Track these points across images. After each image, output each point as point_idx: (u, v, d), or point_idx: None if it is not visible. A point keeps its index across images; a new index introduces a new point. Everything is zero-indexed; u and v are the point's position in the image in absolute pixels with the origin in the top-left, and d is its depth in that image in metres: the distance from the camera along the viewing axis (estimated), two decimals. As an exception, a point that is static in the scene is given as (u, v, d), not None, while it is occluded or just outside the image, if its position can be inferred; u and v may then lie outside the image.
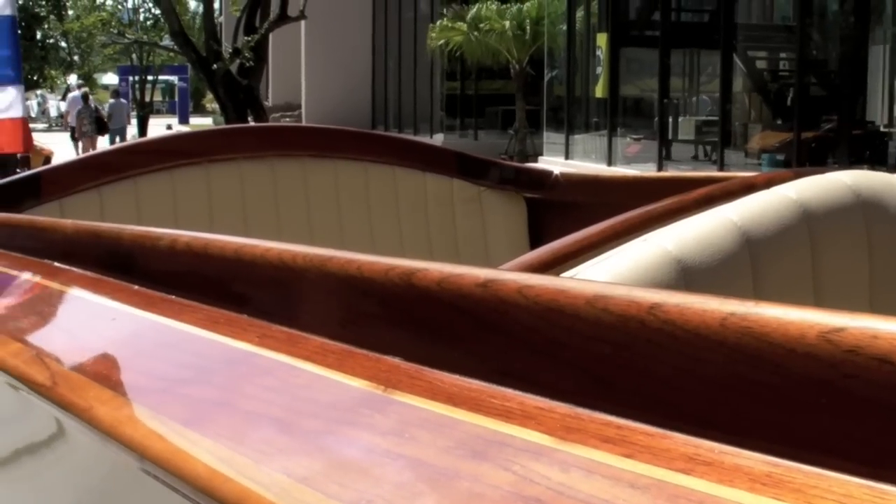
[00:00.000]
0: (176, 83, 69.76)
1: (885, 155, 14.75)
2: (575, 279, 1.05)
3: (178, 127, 53.44)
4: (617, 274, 1.36)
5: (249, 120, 20.14)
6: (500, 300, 1.04)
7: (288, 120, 33.46)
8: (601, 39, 20.07)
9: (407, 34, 31.69)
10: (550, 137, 22.71)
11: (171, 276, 1.61)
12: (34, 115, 55.71)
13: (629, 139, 19.89)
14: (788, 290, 1.61)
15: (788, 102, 16.29)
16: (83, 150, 29.22)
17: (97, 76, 71.84)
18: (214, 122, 59.16)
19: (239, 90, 20.09)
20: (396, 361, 1.13)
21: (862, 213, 1.71)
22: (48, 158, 27.58)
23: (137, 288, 1.66)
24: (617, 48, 19.79)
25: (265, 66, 22.77)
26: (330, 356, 1.19)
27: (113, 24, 45.95)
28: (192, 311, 1.48)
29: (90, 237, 1.94)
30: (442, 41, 25.93)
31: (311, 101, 33.86)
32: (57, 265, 2.02)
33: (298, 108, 35.56)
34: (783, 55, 18.42)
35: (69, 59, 59.80)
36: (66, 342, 1.62)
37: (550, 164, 18.73)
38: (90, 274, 1.86)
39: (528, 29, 24.05)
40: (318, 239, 3.53)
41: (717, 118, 17.21)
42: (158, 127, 51.58)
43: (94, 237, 1.92)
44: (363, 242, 3.63)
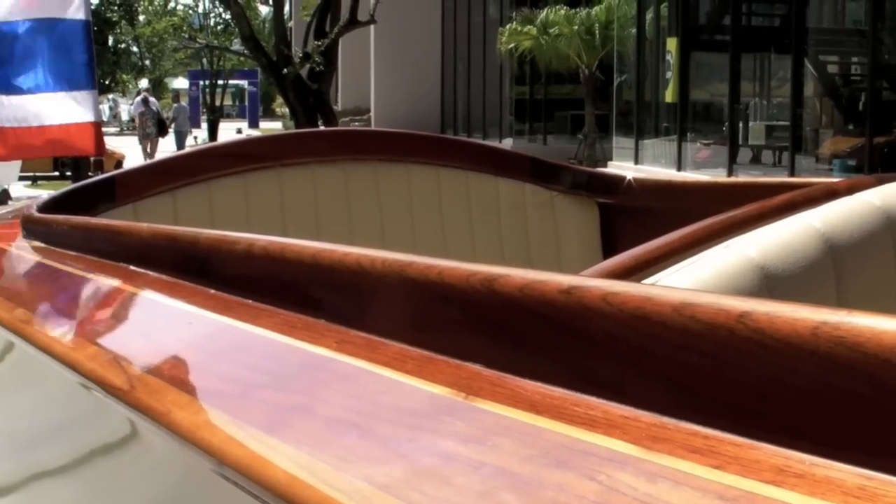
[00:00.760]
0: (246, 87, 70.30)
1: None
2: (661, 286, 1.03)
3: (247, 131, 53.85)
4: (699, 281, 1.34)
5: (319, 124, 20.22)
6: (583, 307, 1.03)
7: (357, 124, 33.56)
8: (671, 44, 19.96)
9: (476, 38, 31.70)
10: (620, 142, 22.63)
11: (247, 280, 1.61)
12: (106, 118, 56.23)
13: (699, 144, 19.76)
14: (873, 297, 1.58)
15: (860, 107, 16.13)
16: (144, 150, 29.85)
17: (168, 80, 72.42)
18: (284, 126, 59.49)
19: (309, 94, 20.17)
20: (477, 368, 1.12)
21: None
22: (120, 162, 27.91)
23: (214, 292, 1.66)
24: (687, 52, 19.67)
25: (335, 70, 22.84)
26: (409, 362, 1.18)
27: (184, 28, 46.31)
28: (268, 315, 1.47)
29: (166, 241, 1.94)
30: (511, 45, 25.93)
31: (380, 105, 33.96)
32: (133, 269, 2.02)
33: (367, 112, 35.66)
34: (855, 59, 18.25)
35: (140, 63, 60.32)
36: (143, 346, 1.63)
37: (620, 168, 18.66)
38: (166, 278, 1.86)
39: (597, 33, 24.00)
40: (389, 243, 3.53)
41: (787, 123, 17.04)
42: (228, 131, 51.95)
43: (170, 241, 1.92)
44: (435, 247, 3.63)
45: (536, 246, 3.85)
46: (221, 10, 54.63)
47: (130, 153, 32.24)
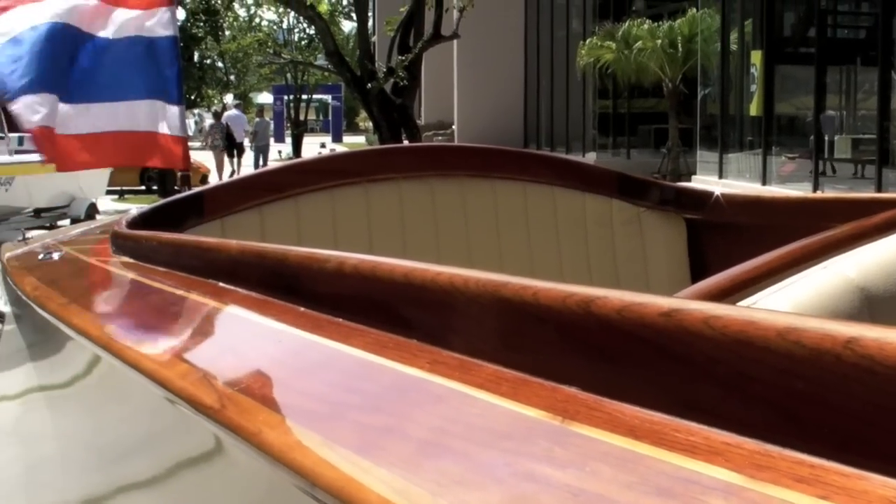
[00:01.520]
0: (330, 102, 70.72)
1: None
2: (764, 310, 1.01)
3: (331, 145, 54.18)
4: (798, 303, 1.31)
5: (403, 138, 20.27)
6: (684, 330, 1.00)
7: (440, 138, 33.66)
8: (755, 56, 19.82)
9: (559, 52, 31.68)
10: (703, 156, 22.48)
11: (337, 298, 1.59)
12: (191, 133, 56.81)
13: (783, 158, 19.59)
14: None
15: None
16: (217, 162, 30.78)
17: (252, 95, 72.99)
18: (367, 140, 59.74)
19: (393, 109, 20.23)
20: (573, 391, 1.10)
21: None
22: (205, 176, 28.20)
23: (303, 310, 1.65)
24: (772, 65, 19.53)
25: (418, 84, 22.88)
26: (504, 384, 1.16)
27: (269, 44, 46.67)
28: (359, 334, 1.46)
29: (255, 258, 1.94)
30: (592, 59, 25.86)
31: (463, 119, 34.03)
32: (222, 285, 2.02)
33: (450, 126, 35.74)
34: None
35: (225, 78, 60.81)
36: (233, 364, 1.62)
37: (703, 182, 18.55)
38: (255, 295, 1.85)
39: (680, 46, 23.86)
40: (476, 259, 3.52)
41: (874, 136, 16.85)
42: (312, 145, 52.32)
43: (259, 258, 1.92)
44: (522, 263, 3.61)
45: (623, 262, 3.83)
46: (305, 25, 55.01)
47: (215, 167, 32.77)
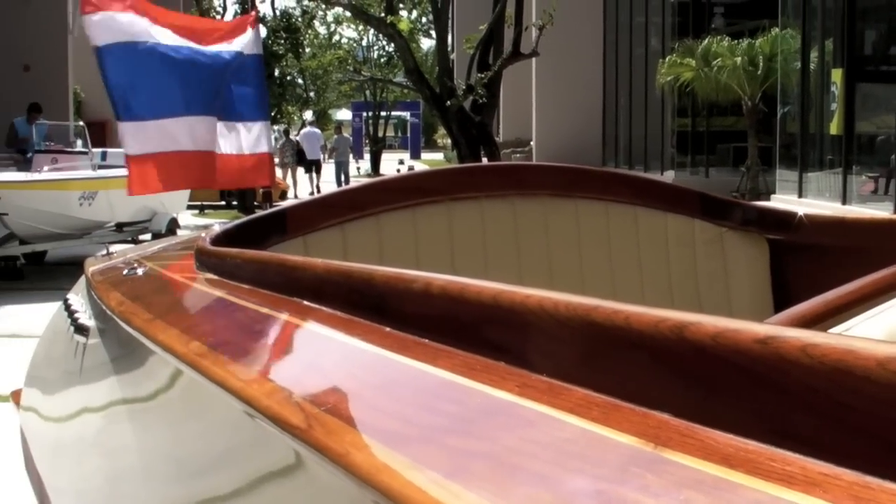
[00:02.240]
0: (408, 119, 71.07)
1: None
2: (864, 339, 0.99)
3: (409, 162, 54.43)
4: (893, 332, 1.29)
5: (482, 155, 20.28)
6: (780, 358, 0.99)
7: (518, 156, 33.69)
8: (836, 75, 19.63)
9: (638, 70, 31.60)
10: (783, 175, 22.30)
11: (424, 319, 1.59)
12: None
13: (864, 177, 19.38)
14: None
15: None
16: (284, 176, 31.49)
17: (331, 111, 73.44)
18: (445, 157, 59.90)
19: (472, 126, 20.25)
20: (665, 417, 1.08)
21: None
22: (284, 192, 28.41)
23: (389, 330, 1.64)
24: (852, 83, 19.33)
25: (497, 102, 22.91)
26: (594, 409, 1.15)
27: (349, 61, 46.96)
28: (447, 356, 1.45)
29: (341, 277, 1.94)
30: (672, 77, 25.75)
31: (541, 137, 34.04)
32: (307, 304, 2.02)
33: (529, 143, 35.75)
34: None
35: (305, 95, 61.20)
36: (319, 383, 1.61)
37: (783, 202, 18.39)
38: (340, 314, 1.85)
39: (760, 64, 23.70)
40: (557, 279, 3.51)
41: (958, 156, 16.66)
42: (390, 162, 52.62)
43: (345, 277, 1.92)
44: (603, 284, 3.59)
45: (705, 283, 3.80)
46: (385, 43, 55.28)
47: (303, 185, 33.17)
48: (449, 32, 28.29)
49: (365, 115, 59.55)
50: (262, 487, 1.64)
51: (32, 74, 26.60)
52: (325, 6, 45.41)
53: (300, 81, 60.15)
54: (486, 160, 20.60)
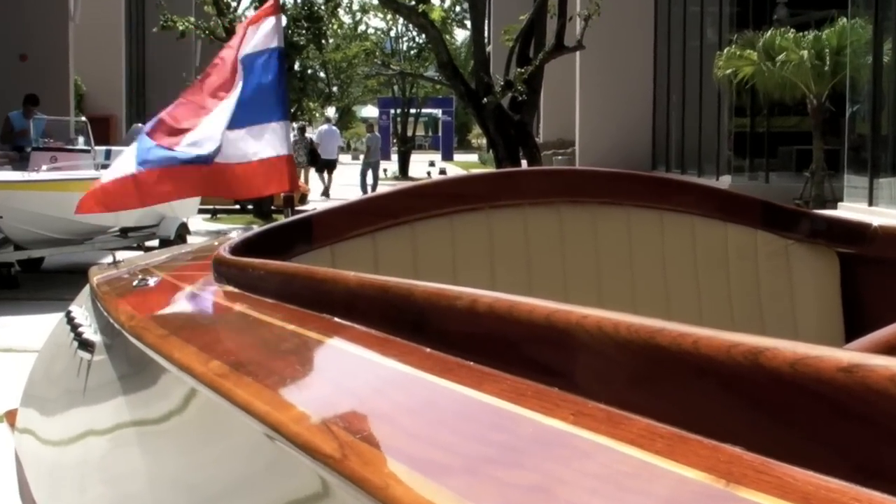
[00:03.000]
0: (440, 117, 70.98)
1: None
2: None
3: (440, 164, 54.41)
4: None
5: (521, 157, 20.25)
6: (867, 388, 0.98)
7: (560, 158, 33.66)
8: (912, 71, 19.56)
9: (692, 65, 31.52)
10: (851, 181, 22.17)
11: (469, 339, 1.58)
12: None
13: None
14: None
15: None
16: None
17: (356, 108, 73.41)
18: (480, 158, 59.87)
19: (510, 125, 20.21)
20: (737, 451, 1.08)
21: None
22: (304, 196, 28.43)
23: (430, 351, 1.63)
24: (930, 81, 19.27)
25: (538, 99, 22.87)
26: (659, 441, 1.14)
27: (376, 54, 46.97)
28: (494, 380, 1.44)
29: (376, 292, 1.93)
30: (729, 71, 25.66)
31: (585, 138, 33.99)
32: (338, 321, 2.01)
33: (571, 145, 35.72)
34: None
35: (328, 90, 61.16)
36: (353, 408, 1.60)
37: (851, 210, 18.31)
38: (376, 332, 1.84)
39: (827, 59, 23.61)
40: (606, 294, 3.50)
41: None
42: (420, 163, 52.62)
43: (380, 292, 1.91)
44: (657, 299, 3.58)
45: (768, 300, 3.78)
46: (415, 34, 55.30)
47: (314, 185, 33.24)
48: (486, 23, 28.30)
49: (392, 112, 59.65)
50: None
51: (30, 64, 26.73)
52: (350, -7, 45.60)
53: (322, 75, 60.15)
54: (525, 163, 20.57)
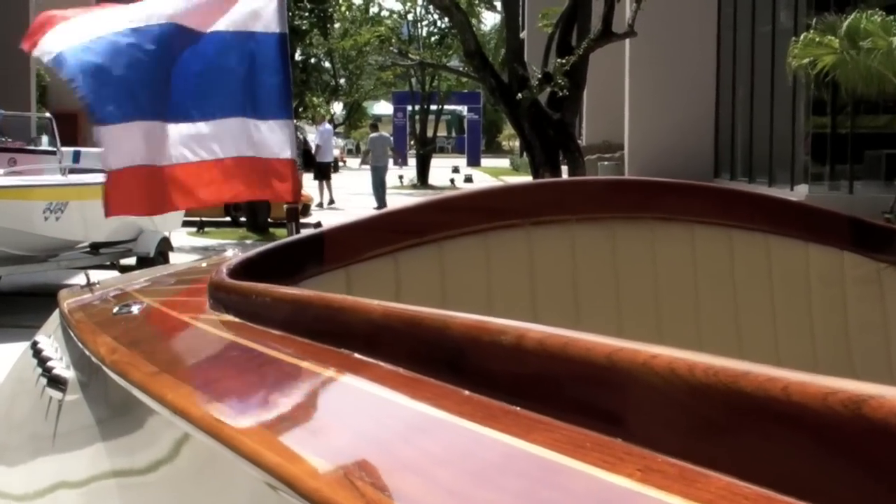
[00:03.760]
0: (465, 115, 70.90)
1: None
2: None
3: (466, 170, 54.37)
4: None
5: (561, 162, 20.21)
6: None
7: (606, 164, 33.65)
8: None
9: (762, 54, 31.45)
10: (953, 191, 22.19)
11: (515, 380, 1.57)
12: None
13: None
14: None
15: None
16: None
17: (366, 105, 73.24)
18: (513, 163, 59.87)
19: (549, 125, 20.17)
20: None
21: None
22: (307, 206, 28.47)
23: (469, 394, 1.63)
24: None
25: (581, 95, 22.81)
26: (743, 502, 1.15)
27: (392, 41, 46.97)
28: (545, 429, 1.44)
29: (405, 324, 1.92)
30: (806, 61, 25.59)
31: (636, 140, 33.96)
32: (358, 357, 2.01)
33: (619, 148, 35.72)
34: None
35: (334, 82, 60.89)
36: (379, 461, 1.60)
37: (951, 226, 18.25)
38: (404, 372, 1.84)
39: (923, 48, 23.57)
40: (667, 325, 3.50)
41: None
42: (442, 169, 52.46)
43: (410, 325, 1.90)
44: (726, 332, 3.58)
45: (857, 332, 3.79)
46: (437, 17, 55.22)
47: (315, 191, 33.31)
48: (520, 5, 28.31)
49: (410, 108, 59.59)
50: None
51: (-17, 53, 26.84)
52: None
53: (328, 65, 60.05)
54: (565, 169, 20.56)
